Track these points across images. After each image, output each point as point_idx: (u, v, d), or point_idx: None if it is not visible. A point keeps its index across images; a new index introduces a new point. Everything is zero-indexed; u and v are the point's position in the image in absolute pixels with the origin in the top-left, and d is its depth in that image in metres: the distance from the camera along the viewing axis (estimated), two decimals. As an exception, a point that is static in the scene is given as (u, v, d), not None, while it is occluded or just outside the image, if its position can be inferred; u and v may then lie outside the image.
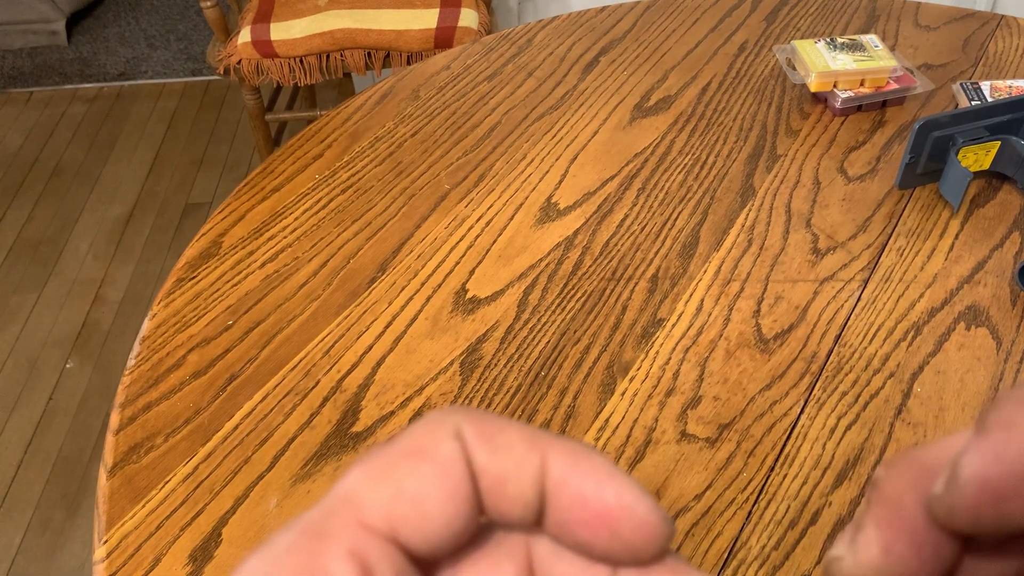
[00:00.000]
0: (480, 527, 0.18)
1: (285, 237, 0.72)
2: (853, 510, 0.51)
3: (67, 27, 2.66)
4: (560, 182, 0.76)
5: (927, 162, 0.71)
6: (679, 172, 0.77)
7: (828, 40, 0.85)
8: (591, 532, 0.16)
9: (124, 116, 2.36)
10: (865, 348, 0.60)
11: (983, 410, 0.17)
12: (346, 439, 0.56)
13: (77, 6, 2.71)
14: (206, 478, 0.54)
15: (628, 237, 0.70)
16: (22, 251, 1.94)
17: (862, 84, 0.82)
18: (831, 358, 0.60)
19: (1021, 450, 0.15)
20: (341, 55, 1.56)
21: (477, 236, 0.71)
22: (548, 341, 0.62)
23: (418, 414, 0.57)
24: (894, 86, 0.82)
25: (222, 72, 1.58)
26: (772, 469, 0.53)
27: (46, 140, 2.28)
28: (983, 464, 0.15)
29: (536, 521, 0.17)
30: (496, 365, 0.60)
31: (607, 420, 0.56)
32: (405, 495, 0.16)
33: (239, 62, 1.56)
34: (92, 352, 1.70)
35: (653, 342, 0.61)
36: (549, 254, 0.69)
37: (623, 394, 0.58)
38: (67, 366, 1.67)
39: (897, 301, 0.64)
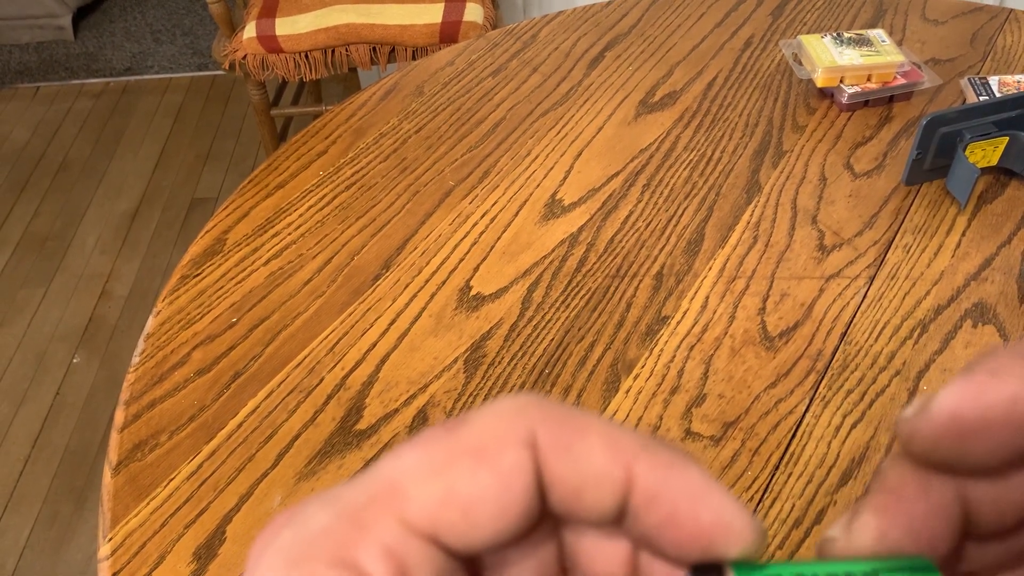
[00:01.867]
0: None
1: (289, 234, 0.72)
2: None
3: (73, 22, 2.67)
4: (565, 178, 0.76)
5: (934, 158, 0.71)
6: (684, 168, 0.76)
7: (835, 35, 0.84)
8: (682, 549, 0.15)
9: (130, 111, 2.36)
10: (871, 346, 0.60)
11: (977, 356, 0.17)
12: (350, 437, 0.56)
13: (83, 1, 2.71)
14: (210, 476, 0.54)
15: (633, 234, 0.70)
16: (29, 246, 1.95)
17: (869, 79, 0.81)
18: (837, 356, 0.59)
19: (999, 396, 0.15)
20: (346, 50, 1.56)
21: (481, 233, 0.71)
22: (552, 338, 0.62)
23: (422, 412, 0.57)
24: (901, 81, 0.81)
25: (227, 67, 1.58)
26: (777, 468, 0.53)
27: (52, 135, 2.28)
28: (958, 400, 0.15)
29: (614, 525, 0.16)
30: (500, 363, 0.60)
31: (611, 418, 0.56)
32: (456, 499, 0.14)
33: (244, 57, 1.55)
34: (99, 347, 1.70)
35: (658, 339, 0.61)
36: (553, 251, 0.69)
37: (627, 392, 0.58)
38: (74, 360, 1.68)
39: (903, 298, 0.63)
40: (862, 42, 0.83)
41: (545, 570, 0.17)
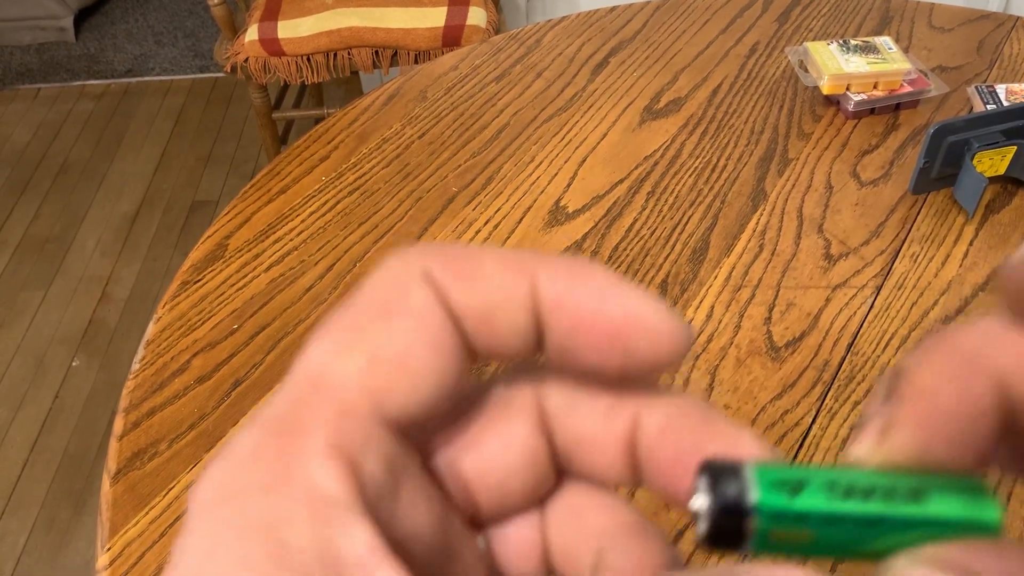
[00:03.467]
0: (483, 387, 0.16)
1: (291, 240, 0.71)
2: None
3: (75, 23, 2.66)
4: (569, 185, 0.75)
5: (941, 167, 0.70)
6: (689, 175, 0.76)
7: (841, 42, 0.84)
8: (601, 352, 0.14)
9: (131, 113, 2.35)
10: (878, 356, 0.59)
11: None
12: (352, 446, 0.55)
13: (85, 3, 2.71)
14: (210, 485, 0.54)
15: (637, 242, 0.69)
16: (29, 248, 1.94)
17: (875, 87, 0.81)
18: (843, 366, 0.59)
19: None
20: (348, 53, 1.55)
21: (485, 240, 0.70)
22: (556, 347, 0.61)
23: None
24: (908, 89, 0.81)
25: (229, 70, 1.57)
26: (783, 480, 0.52)
27: (53, 137, 2.28)
28: None
29: (536, 349, 0.15)
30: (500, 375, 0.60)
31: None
32: (383, 358, 0.13)
33: (246, 60, 1.55)
34: (98, 350, 1.70)
35: (663, 349, 0.61)
36: (557, 258, 0.68)
37: (632, 402, 0.57)
38: (73, 364, 1.67)
39: (911, 308, 0.63)
40: (868, 49, 0.83)
41: (536, 471, 0.16)
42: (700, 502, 0.13)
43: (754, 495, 0.13)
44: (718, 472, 0.13)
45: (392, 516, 0.13)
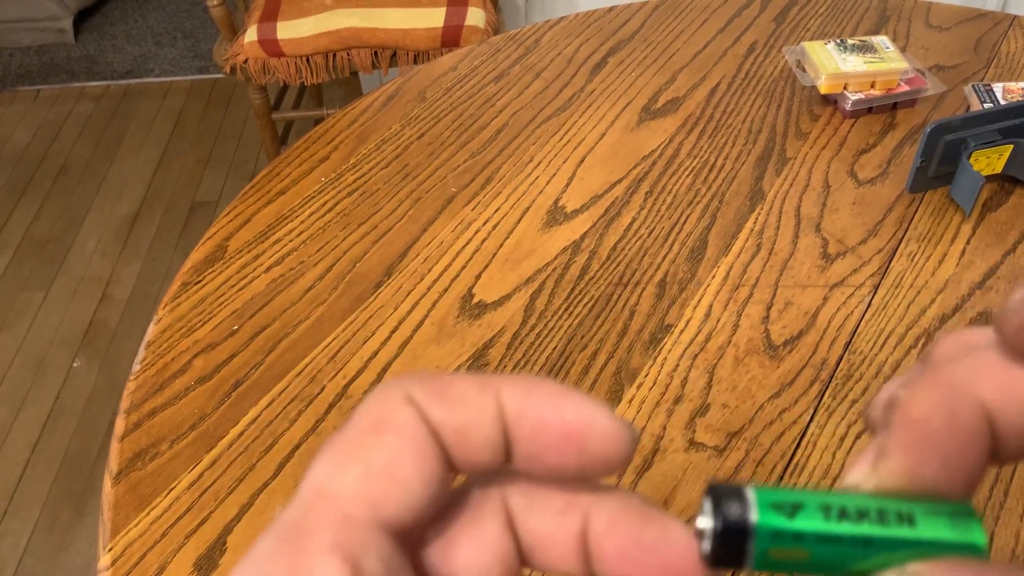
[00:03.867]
0: (456, 493, 0.18)
1: (291, 240, 0.72)
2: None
3: (74, 25, 2.67)
4: (567, 185, 0.76)
5: (938, 166, 0.70)
6: (687, 175, 0.76)
7: (838, 41, 0.84)
8: (559, 454, 0.16)
9: (131, 114, 2.36)
10: (875, 355, 0.60)
11: None
12: (352, 446, 0.56)
13: (84, 4, 2.71)
14: (211, 485, 0.54)
15: (636, 241, 0.70)
16: (29, 249, 1.94)
17: (872, 86, 0.81)
18: (841, 365, 0.59)
19: None
20: (348, 54, 1.55)
21: (484, 240, 0.71)
22: (555, 347, 0.61)
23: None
24: (905, 88, 0.81)
25: (228, 71, 1.58)
26: (781, 478, 0.53)
27: (53, 138, 2.28)
28: None
29: (506, 460, 0.17)
30: (503, 371, 0.60)
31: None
32: (376, 470, 0.15)
33: (245, 61, 1.55)
34: (99, 351, 1.70)
35: (661, 348, 0.61)
36: (556, 258, 0.69)
37: (631, 401, 0.58)
38: (74, 365, 1.67)
39: (908, 307, 0.63)
40: (866, 49, 0.83)
41: (506, 567, 0.17)
42: (705, 522, 0.14)
43: (755, 516, 0.14)
44: (722, 494, 0.14)
45: None
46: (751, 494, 0.14)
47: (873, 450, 0.15)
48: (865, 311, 0.63)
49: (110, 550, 0.51)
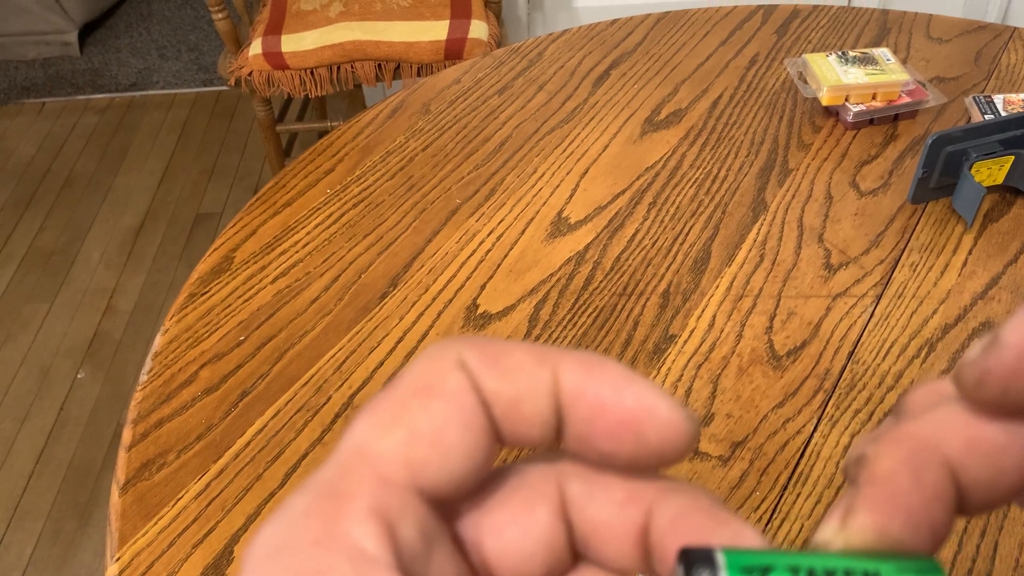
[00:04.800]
0: (509, 471, 0.17)
1: (296, 252, 0.72)
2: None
3: (79, 38, 2.68)
4: (571, 196, 0.76)
5: (940, 176, 0.71)
6: (690, 186, 0.77)
7: (839, 53, 0.85)
8: (615, 441, 0.16)
9: (135, 126, 2.37)
10: (878, 365, 0.60)
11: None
12: (358, 456, 0.56)
13: (89, 17, 2.73)
14: (218, 495, 0.54)
15: (639, 252, 0.70)
16: (34, 261, 1.95)
17: (874, 98, 0.81)
18: (844, 375, 0.59)
19: None
20: (352, 67, 1.56)
21: (488, 251, 0.71)
22: (559, 357, 0.62)
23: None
24: (906, 99, 0.82)
25: (233, 84, 1.59)
26: (785, 488, 0.53)
27: (58, 150, 2.29)
28: None
29: (557, 439, 0.16)
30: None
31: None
32: (420, 435, 0.15)
33: (250, 74, 1.56)
34: (103, 362, 1.70)
35: (665, 359, 0.61)
36: (560, 269, 0.69)
37: (635, 411, 0.58)
38: (78, 376, 1.68)
39: (910, 317, 0.63)
40: (867, 60, 0.84)
41: (554, 555, 0.17)
42: None
43: None
44: (693, 560, 0.15)
45: None
46: (721, 558, 0.15)
47: (842, 507, 0.16)
48: (868, 321, 0.63)
49: (118, 560, 0.51)
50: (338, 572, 0.13)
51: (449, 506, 0.16)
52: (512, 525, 0.16)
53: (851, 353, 0.61)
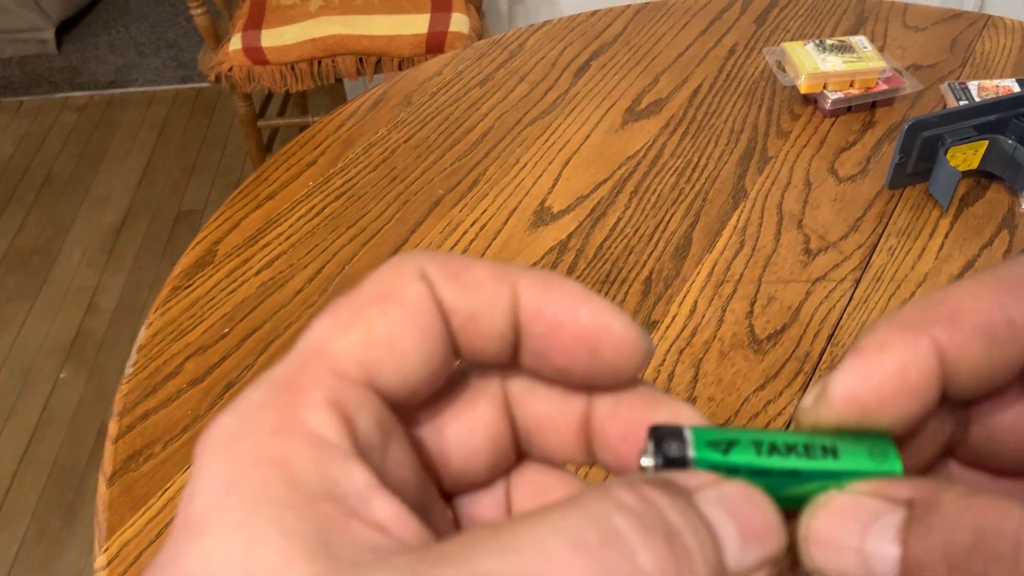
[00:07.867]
0: (455, 373, 0.17)
1: (280, 244, 0.72)
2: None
3: (56, 36, 2.66)
4: (553, 186, 0.77)
5: (916, 162, 0.72)
6: (671, 175, 0.77)
7: (817, 42, 0.86)
8: (570, 356, 0.16)
9: (115, 124, 2.35)
10: (858, 347, 0.61)
11: (861, 332, 0.17)
12: (344, 444, 0.56)
13: (66, 14, 2.71)
14: (205, 485, 0.54)
15: (621, 240, 0.71)
16: (14, 260, 1.94)
17: (851, 85, 0.82)
18: (824, 357, 0.60)
19: (887, 371, 0.15)
20: (333, 61, 1.56)
21: (472, 241, 0.71)
22: (544, 344, 0.62)
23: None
24: (883, 87, 0.83)
25: (213, 79, 1.58)
26: (767, 468, 0.54)
27: (37, 149, 2.27)
28: (853, 383, 0.15)
29: (513, 355, 0.16)
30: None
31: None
32: (377, 338, 0.15)
33: (230, 70, 1.56)
34: (86, 361, 1.70)
35: (648, 344, 0.62)
36: (543, 258, 0.69)
37: (619, 396, 0.58)
38: (61, 375, 1.67)
39: (889, 300, 0.64)
40: (844, 49, 0.85)
41: (498, 451, 0.17)
42: (648, 460, 0.16)
43: (692, 452, 0.15)
44: (663, 435, 0.16)
45: (381, 468, 0.15)
46: (689, 434, 0.15)
47: (821, 383, 0.16)
48: (847, 305, 0.64)
49: (106, 550, 0.51)
50: (299, 458, 0.13)
51: (406, 411, 0.16)
52: (456, 421, 0.17)
53: (831, 336, 0.62)
